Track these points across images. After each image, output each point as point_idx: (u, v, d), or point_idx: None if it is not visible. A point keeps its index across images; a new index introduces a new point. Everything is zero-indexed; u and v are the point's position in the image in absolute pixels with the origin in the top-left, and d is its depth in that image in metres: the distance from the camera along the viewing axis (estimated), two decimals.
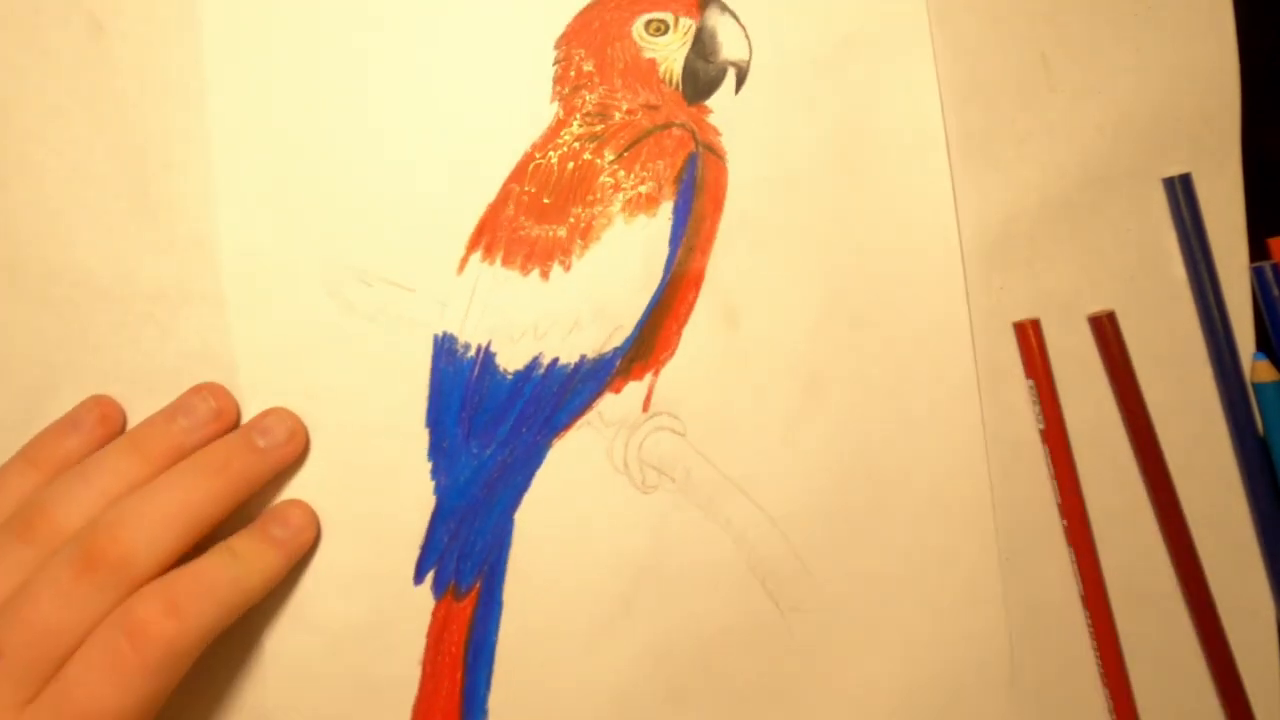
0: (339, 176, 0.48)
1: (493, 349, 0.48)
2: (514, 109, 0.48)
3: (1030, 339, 0.49)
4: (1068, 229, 0.49)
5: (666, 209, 0.48)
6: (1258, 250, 0.49)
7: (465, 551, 0.48)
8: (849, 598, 0.48)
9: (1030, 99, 0.49)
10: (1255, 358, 0.49)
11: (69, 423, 0.47)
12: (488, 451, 0.48)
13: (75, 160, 0.48)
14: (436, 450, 0.48)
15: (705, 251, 0.48)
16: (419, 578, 0.48)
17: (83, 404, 0.47)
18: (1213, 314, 0.49)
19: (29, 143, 0.48)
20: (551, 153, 0.48)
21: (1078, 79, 0.49)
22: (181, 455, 0.45)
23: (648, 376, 0.48)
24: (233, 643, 0.46)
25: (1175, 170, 0.49)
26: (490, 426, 0.48)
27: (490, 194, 0.48)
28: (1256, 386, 0.48)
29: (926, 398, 0.48)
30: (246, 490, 0.45)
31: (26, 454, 0.46)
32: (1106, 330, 0.48)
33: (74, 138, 0.48)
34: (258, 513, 0.47)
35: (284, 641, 0.47)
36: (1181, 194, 0.49)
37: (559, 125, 0.48)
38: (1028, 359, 0.49)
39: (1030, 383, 0.49)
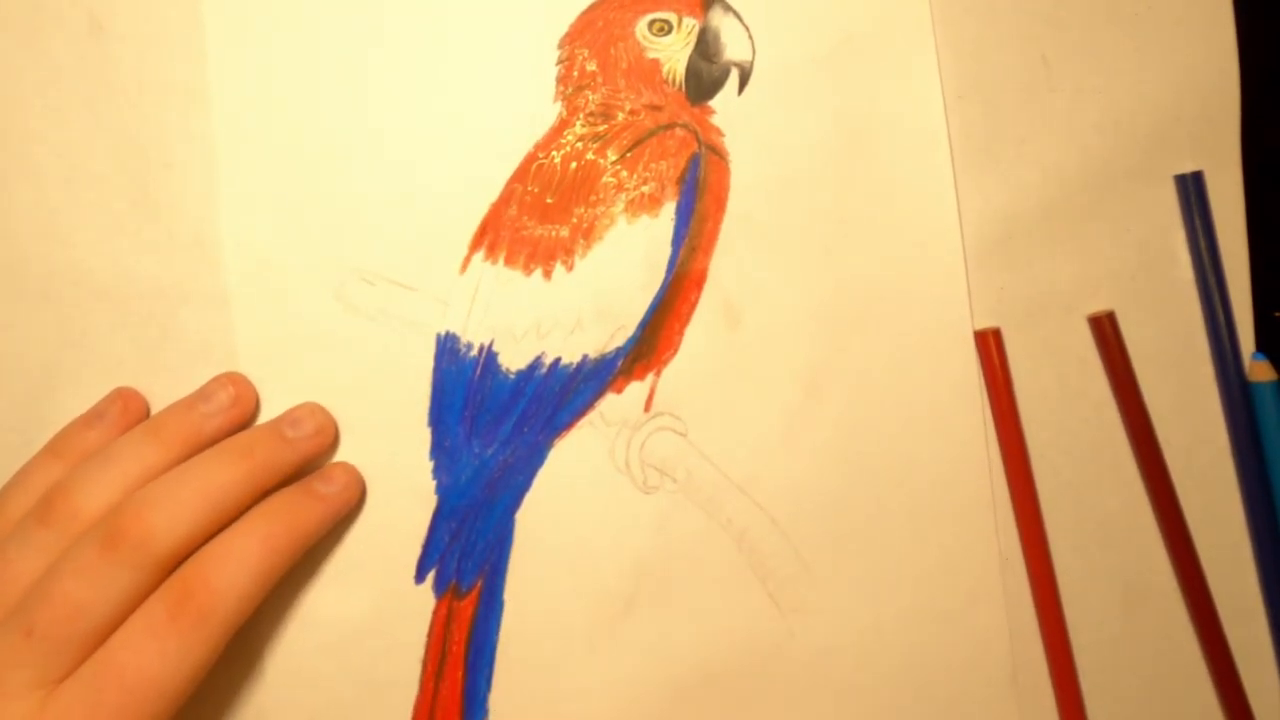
0: (342, 176, 0.48)
1: (495, 348, 0.48)
2: (517, 109, 0.48)
3: (990, 348, 0.49)
4: (1068, 229, 0.49)
5: (669, 209, 0.48)
6: (1258, 250, 0.49)
7: (466, 551, 0.48)
8: (850, 598, 0.48)
9: (1030, 99, 0.49)
10: (1254, 357, 0.49)
11: (93, 414, 0.47)
12: (489, 451, 0.48)
13: (75, 160, 0.48)
14: (438, 449, 0.48)
15: (707, 252, 0.48)
16: (420, 577, 0.48)
17: (107, 396, 0.47)
18: (1217, 313, 0.49)
19: (29, 143, 0.48)
20: (554, 152, 0.48)
21: (1078, 79, 0.49)
22: (200, 441, 0.46)
23: (649, 376, 0.48)
24: (233, 641, 0.46)
25: (1175, 170, 0.49)
26: (492, 426, 0.48)
27: (493, 193, 0.48)
28: (1253, 386, 0.48)
29: (928, 398, 0.48)
30: (270, 478, 0.45)
31: (51, 446, 0.46)
32: (1106, 330, 0.49)
33: (74, 138, 0.48)
34: None
35: (284, 640, 0.47)
36: (1193, 191, 0.49)
37: (562, 125, 0.48)
38: (988, 369, 0.49)
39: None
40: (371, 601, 0.48)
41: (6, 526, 0.44)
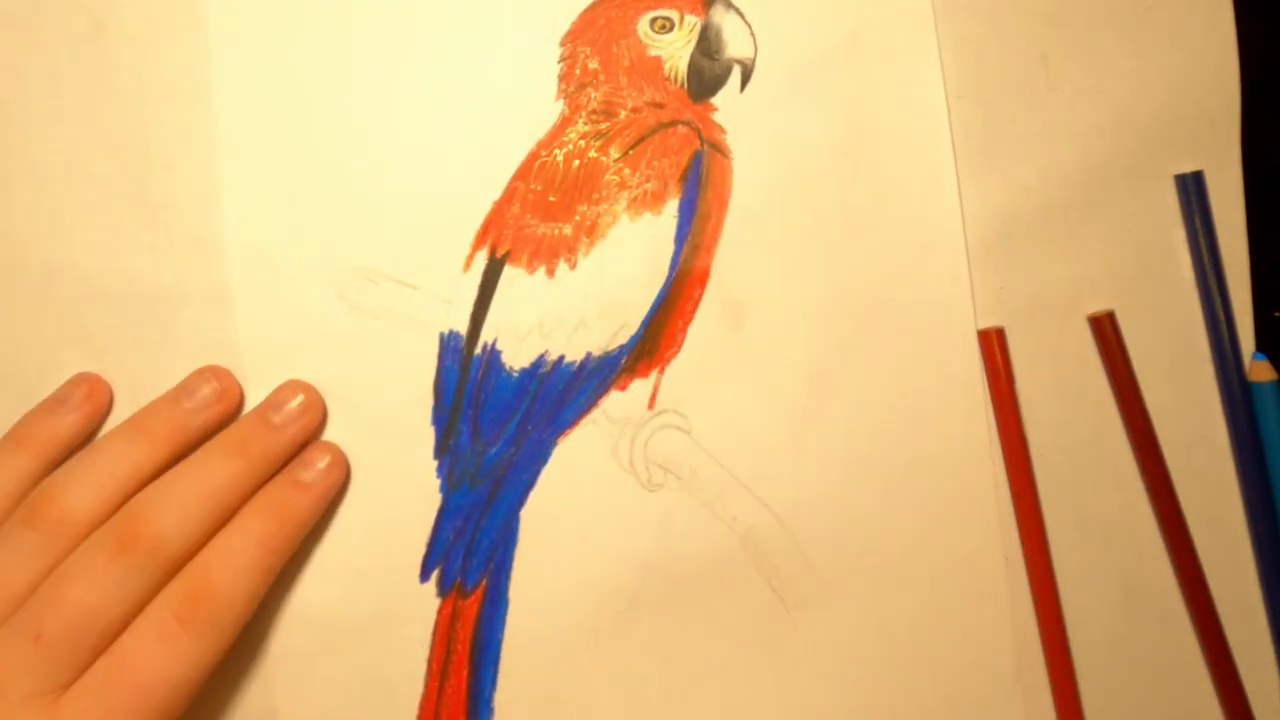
0: (345, 175, 0.48)
1: (499, 347, 0.48)
2: (519, 107, 0.48)
3: (994, 348, 0.49)
4: (1068, 229, 0.49)
5: (672, 207, 0.48)
6: (1258, 250, 0.49)
7: (471, 549, 0.48)
8: (854, 595, 0.48)
9: (1030, 99, 0.49)
10: (1254, 357, 0.49)
11: (55, 400, 0.47)
12: (493, 449, 0.48)
13: (75, 160, 0.48)
14: (442, 448, 0.48)
15: (710, 249, 0.48)
16: (425, 575, 0.48)
17: (69, 381, 0.47)
18: (1217, 313, 0.49)
19: (29, 143, 0.48)
20: (557, 150, 0.48)
21: (1078, 79, 0.49)
22: (187, 437, 0.46)
23: (653, 374, 0.48)
24: (239, 640, 0.46)
25: (1175, 170, 0.49)
26: (496, 424, 0.48)
27: (496, 192, 0.48)
28: (1254, 386, 0.48)
29: (932, 396, 0.48)
30: (268, 469, 0.46)
31: (13, 434, 0.46)
32: (1106, 330, 0.49)
33: (74, 138, 0.48)
34: None
35: (289, 639, 0.47)
36: (1193, 191, 0.49)
37: (564, 123, 0.48)
38: (990, 368, 0.49)
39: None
40: (376, 600, 0.48)
41: None
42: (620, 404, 0.48)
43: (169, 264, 0.48)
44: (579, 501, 0.48)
